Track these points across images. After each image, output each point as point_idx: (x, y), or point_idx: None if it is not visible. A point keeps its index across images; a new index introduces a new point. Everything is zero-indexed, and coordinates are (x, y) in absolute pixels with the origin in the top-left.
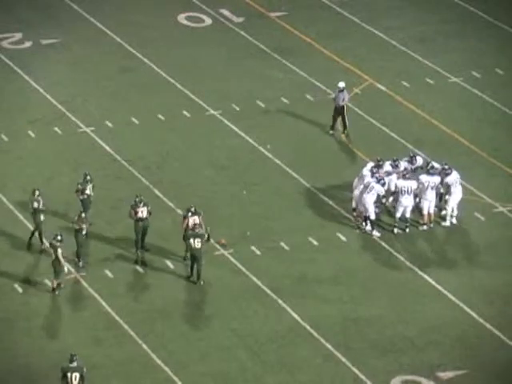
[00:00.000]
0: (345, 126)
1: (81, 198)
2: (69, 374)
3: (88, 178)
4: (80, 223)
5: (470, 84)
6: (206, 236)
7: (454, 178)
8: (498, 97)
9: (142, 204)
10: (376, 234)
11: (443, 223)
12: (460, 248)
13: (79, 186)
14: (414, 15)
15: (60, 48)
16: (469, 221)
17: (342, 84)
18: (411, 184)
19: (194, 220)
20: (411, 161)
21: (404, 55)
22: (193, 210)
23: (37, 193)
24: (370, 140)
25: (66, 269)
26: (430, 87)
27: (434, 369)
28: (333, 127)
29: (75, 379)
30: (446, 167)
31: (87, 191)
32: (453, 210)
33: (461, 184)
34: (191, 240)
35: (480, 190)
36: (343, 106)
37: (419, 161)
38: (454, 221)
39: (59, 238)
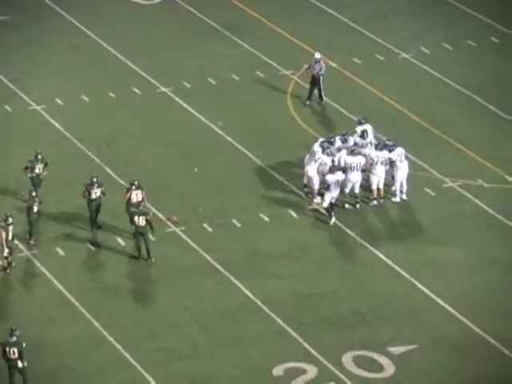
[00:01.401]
0: (321, 97)
1: (29, 175)
2: (7, 349)
3: (39, 157)
4: (31, 202)
5: (420, 60)
6: (151, 214)
7: (397, 153)
8: (447, 72)
9: (96, 185)
10: (324, 204)
11: (393, 199)
12: (411, 223)
13: (28, 163)
14: None
15: (10, 26)
16: (419, 196)
17: (317, 55)
18: (359, 160)
19: (136, 195)
20: (362, 135)
21: (355, 32)
22: (136, 183)
23: None
24: (322, 116)
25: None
26: (381, 64)
27: (385, 344)
28: (309, 98)
29: (13, 354)
30: (390, 143)
31: (36, 170)
32: (401, 185)
33: (406, 159)
34: (136, 218)
35: (430, 166)
36: (320, 76)
37: (370, 135)
38: (404, 196)
39: (10, 220)
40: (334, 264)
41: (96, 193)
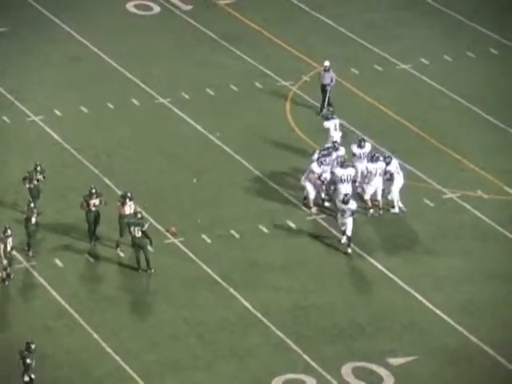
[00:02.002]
0: (323, 106)
1: (27, 186)
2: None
3: (38, 168)
4: (29, 213)
5: (419, 71)
6: (146, 225)
7: (394, 165)
8: (447, 83)
9: (95, 196)
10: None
11: (392, 210)
12: (410, 234)
13: (27, 174)
14: (362, 2)
15: (8, 36)
16: (418, 207)
17: (327, 63)
18: (350, 172)
19: (129, 206)
20: (360, 144)
21: (353, 42)
22: (129, 195)
23: None
24: (320, 127)
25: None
26: (379, 74)
27: (384, 355)
28: (323, 107)
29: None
30: (386, 155)
31: (34, 181)
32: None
33: (402, 170)
34: (131, 228)
35: (429, 177)
36: (328, 85)
37: (368, 146)
38: (401, 204)
39: (9, 232)
40: (333, 275)
41: (94, 203)
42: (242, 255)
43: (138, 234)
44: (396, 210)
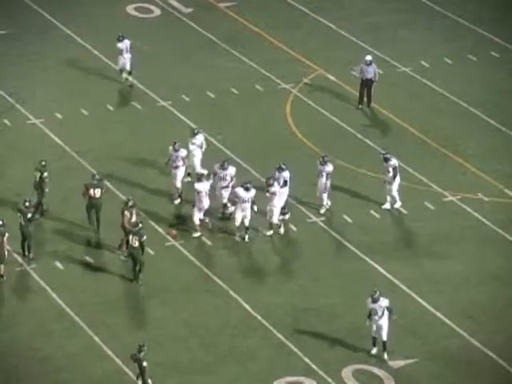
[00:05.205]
0: (369, 101)
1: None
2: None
3: (43, 163)
4: (25, 210)
5: (420, 74)
6: (145, 237)
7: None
8: (447, 86)
9: (96, 184)
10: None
11: (390, 207)
12: (410, 237)
13: (39, 165)
14: (362, 5)
15: (9, 39)
16: (419, 210)
17: (369, 57)
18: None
19: (131, 213)
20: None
21: (353, 45)
22: (131, 203)
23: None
24: (320, 130)
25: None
26: (380, 77)
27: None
28: (361, 102)
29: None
30: (385, 152)
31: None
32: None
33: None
34: (130, 237)
35: (430, 180)
36: (371, 80)
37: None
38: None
39: (1, 222)
40: (333, 278)
41: (95, 192)
42: (243, 258)
43: (135, 244)
44: (389, 206)
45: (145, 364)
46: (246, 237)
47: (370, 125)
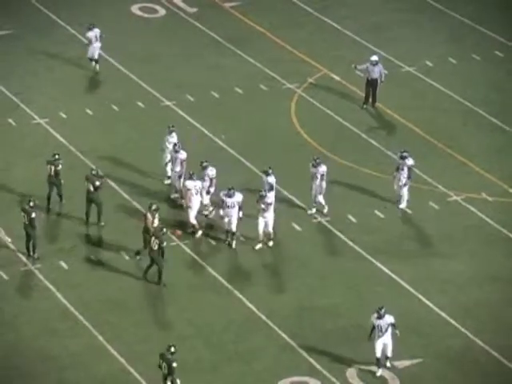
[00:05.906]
0: (374, 100)
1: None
2: (161, 362)
3: (57, 156)
4: (30, 210)
5: (424, 73)
6: (165, 243)
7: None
8: (451, 86)
9: (95, 177)
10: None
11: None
12: (414, 237)
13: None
14: (366, 5)
15: (13, 39)
16: (423, 210)
17: (375, 57)
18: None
19: (154, 216)
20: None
21: (357, 45)
22: (154, 207)
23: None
24: (324, 129)
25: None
26: (384, 77)
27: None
28: (366, 102)
29: (164, 369)
30: (402, 150)
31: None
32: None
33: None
34: (152, 239)
35: (434, 179)
36: (377, 79)
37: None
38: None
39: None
40: (337, 277)
41: (94, 185)
42: (247, 257)
43: (155, 247)
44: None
45: (175, 365)
46: (233, 243)
47: (375, 125)
